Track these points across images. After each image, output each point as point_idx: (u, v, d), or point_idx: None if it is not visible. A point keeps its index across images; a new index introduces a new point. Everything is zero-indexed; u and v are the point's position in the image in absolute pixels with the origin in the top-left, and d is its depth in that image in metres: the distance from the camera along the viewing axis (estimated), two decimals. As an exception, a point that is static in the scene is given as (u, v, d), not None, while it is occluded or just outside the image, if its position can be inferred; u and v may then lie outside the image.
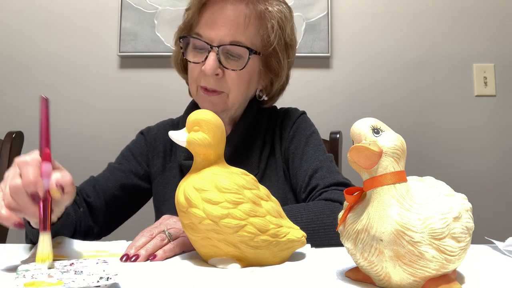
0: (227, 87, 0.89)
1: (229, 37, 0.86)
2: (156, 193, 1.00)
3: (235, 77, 0.88)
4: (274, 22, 0.89)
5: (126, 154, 1.01)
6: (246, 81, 0.90)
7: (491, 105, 1.83)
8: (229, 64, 0.88)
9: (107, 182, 0.95)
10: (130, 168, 0.98)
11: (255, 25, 0.88)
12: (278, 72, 0.94)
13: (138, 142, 1.03)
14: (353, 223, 0.50)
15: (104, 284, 0.47)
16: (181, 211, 0.60)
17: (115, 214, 0.96)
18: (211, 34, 0.87)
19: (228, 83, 0.89)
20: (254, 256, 0.60)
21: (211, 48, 0.86)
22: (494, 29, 1.85)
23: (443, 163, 1.80)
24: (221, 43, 0.86)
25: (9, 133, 1.17)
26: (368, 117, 0.51)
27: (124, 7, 1.84)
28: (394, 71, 1.85)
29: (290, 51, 0.95)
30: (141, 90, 1.85)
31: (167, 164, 1.00)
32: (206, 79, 0.88)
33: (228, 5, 0.87)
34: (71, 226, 0.80)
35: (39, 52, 1.86)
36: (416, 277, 0.47)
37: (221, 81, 0.88)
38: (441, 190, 0.52)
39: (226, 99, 0.90)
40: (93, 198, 0.91)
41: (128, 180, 0.97)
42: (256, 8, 0.88)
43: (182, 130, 0.62)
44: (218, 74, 0.87)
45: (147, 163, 1.01)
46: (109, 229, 0.96)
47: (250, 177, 0.63)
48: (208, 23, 0.88)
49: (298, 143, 0.95)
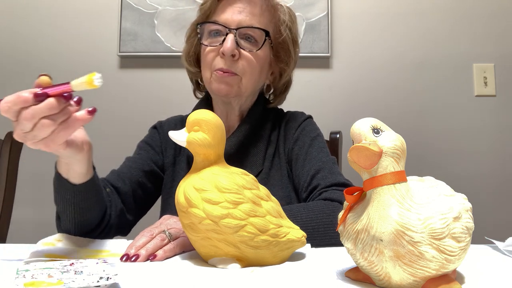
0: (242, 70, 0.94)
1: (246, 21, 0.93)
2: (165, 185, 1.02)
3: (250, 60, 0.94)
4: (285, 16, 0.98)
5: (143, 146, 1.04)
6: (259, 67, 0.96)
7: (491, 105, 1.83)
8: (246, 46, 0.94)
9: (130, 170, 0.97)
10: (149, 156, 1.01)
11: (268, 16, 0.97)
12: (288, 62, 1.01)
13: (153, 135, 1.06)
14: (353, 223, 0.50)
15: (104, 284, 0.47)
16: (181, 211, 0.60)
17: (141, 200, 0.98)
18: (229, 19, 0.93)
19: (244, 65, 0.94)
20: (254, 256, 0.60)
21: (229, 30, 0.92)
22: (494, 29, 1.85)
23: (443, 163, 1.80)
24: (239, 26, 0.93)
25: (9, 133, 1.17)
26: (368, 117, 0.51)
27: (124, 7, 1.84)
28: (394, 71, 1.85)
29: (296, 47, 1.02)
30: (141, 90, 1.85)
31: (177, 157, 1.03)
32: (223, 60, 0.92)
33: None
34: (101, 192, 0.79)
35: (39, 52, 1.86)
36: (416, 277, 0.47)
37: (237, 63, 0.93)
38: (441, 190, 0.52)
39: (240, 82, 0.94)
40: (120, 184, 0.92)
41: (149, 167, 1.00)
42: (271, 1, 0.97)
43: (182, 130, 0.63)
44: (234, 56, 0.92)
45: (163, 154, 1.04)
46: (138, 215, 0.98)
47: (250, 177, 0.63)
48: (225, 10, 0.94)
49: (302, 145, 0.97)
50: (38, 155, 1.78)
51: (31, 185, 1.73)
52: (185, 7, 1.85)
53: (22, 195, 1.35)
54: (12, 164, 1.15)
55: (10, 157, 1.14)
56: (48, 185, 1.98)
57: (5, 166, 1.14)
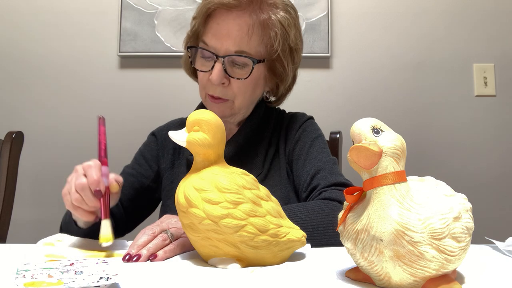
0: (233, 95, 0.92)
1: (234, 47, 0.89)
2: (164, 188, 1.03)
3: (240, 85, 0.91)
4: (277, 30, 0.91)
5: (138, 158, 1.06)
6: (251, 88, 0.93)
7: (491, 105, 1.83)
8: (234, 73, 0.90)
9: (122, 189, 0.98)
10: (141, 172, 1.03)
11: (259, 34, 0.91)
12: (283, 77, 0.97)
13: (149, 145, 1.07)
14: (353, 223, 0.50)
15: (104, 284, 0.47)
16: (181, 211, 0.60)
17: (133, 215, 1.01)
18: (217, 44, 0.90)
19: (234, 91, 0.92)
20: (254, 256, 0.60)
21: (217, 58, 0.89)
22: (494, 29, 1.85)
23: (443, 163, 1.80)
24: (226, 54, 0.89)
25: (9, 133, 1.17)
26: (368, 117, 0.51)
27: (124, 7, 1.84)
28: (394, 71, 1.85)
29: (295, 55, 0.98)
30: (141, 90, 1.85)
31: (176, 161, 1.03)
32: (213, 88, 0.91)
33: (233, 15, 0.90)
34: None
35: (39, 52, 1.86)
36: (416, 277, 0.47)
37: (227, 89, 0.91)
38: (441, 190, 0.52)
39: (233, 105, 0.94)
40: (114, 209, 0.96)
41: (141, 184, 1.02)
42: (259, 18, 0.90)
43: (182, 130, 0.63)
44: (224, 83, 0.91)
45: (158, 163, 1.04)
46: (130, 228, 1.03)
47: (250, 177, 0.63)
48: (214, 32, 0.91)
49: (303, 145, 0.97)
50: (38, 155, 1.78)
51: (31, 185, 1.73)
52: (185, 7, 1.85)
53: (22, 195, 1.35)
54: (12, 164, 1.15)
55: (10, 157, 1.14)
56: (48, 185, 1.99)
57: (5, 166, 1.14)
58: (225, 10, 0.90)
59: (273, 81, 0.98)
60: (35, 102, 1.84)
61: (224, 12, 0.90)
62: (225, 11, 0.90)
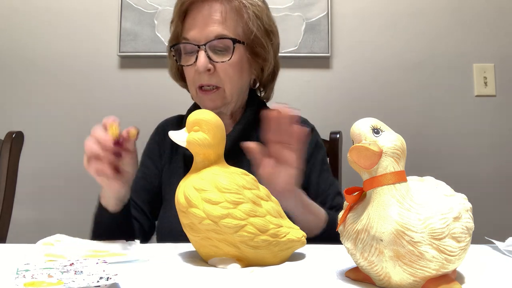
0: (221, 81, 0.95)
1: (212, 33, 0.93)
2: (163, 182, 1.05)
3: (226, 69, 0.95)
4: (250, 12, 0.97)
5: (144, 160, 1.08)
6: (238, 71, 0.97)
7: (491, 105, 1.83)
8: (218, 58, 0.94)
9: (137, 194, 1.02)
10: (149, 173, 1.05)
11: (233, 18, 0.96)
12: (265, 56, 1.01)
13: (151, 143, 1.10)
14: (353, 223, 0.50)
15: (104, 284, 0.47)
16: (181, 211, 0.60)
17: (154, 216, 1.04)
18: (196, 35, 0.94)
19: (221, 77, 0.95)
20: (254, 256, 0.60)
21: (199, 47, 0.93)
22: (494, 29, 1.85)
23: (443, 163, 1.80)
24: (207, 40, 0.93)
25: (9, 133, 1.17)
26: (368, 117, 0.51)
27: (124, 7, 1.84)
28: (394, 71, 1.84)
29: (272, 36, 1.02)
30: (141, 90, 1.85)
31: (173, 156, 1.05)
32: (201, 76, 0.94)
33: (206, 6, 0.95)
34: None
35: (39, 52, 1.86)
36: (416, 277, 0.47)
37: (214, 75, 0.95)
38: (441, 190, 0.52)
39: (224, 94, 0.96)
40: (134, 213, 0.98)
41: (152, 185, 1.04)
42: (230, 4, 0.96)
43: (182, 130, 0.63)
44: (210, 70, 0.94)
45: (161, 159, 1.07)
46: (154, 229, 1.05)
47: (250, 177, 0.63)
48: (191, 26, 0.96)
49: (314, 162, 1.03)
50: (38, 155, 1.78)
51: (31, 185, 1.73)
52: (185, 7, 1.85)
53: (22, 195, 1.35)
54: (12, 164, 1.15)
55: (10, 157, 1.14)
56: (48, 185, 1.99)
57: (5, 166, 1.14)
58: (198, 4, 0.95)
59: (257, 64, 1.02)
60: (35, 102, 1.84)
61: (197, 6, 0.96)
62: (198, 5, 0.96)
